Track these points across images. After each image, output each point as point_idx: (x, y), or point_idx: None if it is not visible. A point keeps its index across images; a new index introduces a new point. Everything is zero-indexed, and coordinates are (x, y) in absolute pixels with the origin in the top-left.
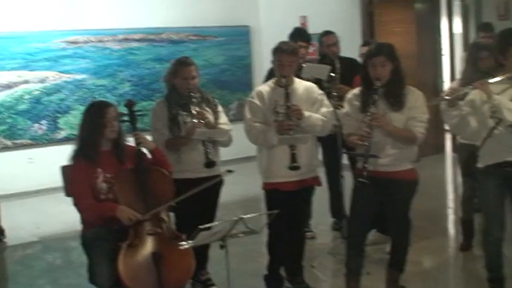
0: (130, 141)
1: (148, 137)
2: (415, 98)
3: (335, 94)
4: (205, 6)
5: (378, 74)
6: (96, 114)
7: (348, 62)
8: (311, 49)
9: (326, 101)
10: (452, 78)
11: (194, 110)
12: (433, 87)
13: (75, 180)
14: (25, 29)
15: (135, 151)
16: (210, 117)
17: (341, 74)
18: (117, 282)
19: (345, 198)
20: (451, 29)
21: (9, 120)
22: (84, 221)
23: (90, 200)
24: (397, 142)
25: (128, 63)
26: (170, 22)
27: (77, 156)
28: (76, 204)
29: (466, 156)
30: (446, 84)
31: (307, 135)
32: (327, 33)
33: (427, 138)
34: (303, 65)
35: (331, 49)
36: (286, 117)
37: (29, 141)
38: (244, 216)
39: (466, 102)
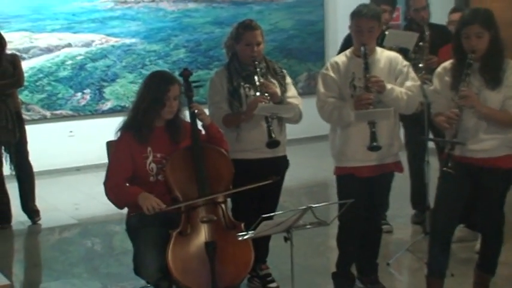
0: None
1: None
2: None
3: (422, 66)
4: None
5: (473, 46)
6: (158, 88)
7: (439, 30)
8: (396, 14)
9: (412, 74)
10: None
11: (258, 81)
12: None
13: (114, 155)
14: None
15: (191, 127)
16: (277, 89)
17: (430, 44)
18: (166, 274)
19: (429, 187)
20: None
21: (48, 88)
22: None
23: (118, 180)
24: (492, 126)
25: (183, 26)
26: None
27: (125, 129)
28: (104, 181)
29: None
30: None
31: (390, 109)
32: None
33: None
34: (386, 32)
35: (420, 14)
36: (365, 91)
37: (70, 113)
38: (314, 205)
39: None
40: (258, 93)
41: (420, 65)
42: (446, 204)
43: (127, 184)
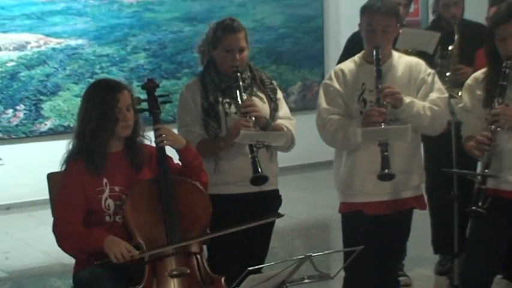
0: (151, 137)
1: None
2: None
3: (448, 77)
4: None
5: (509, 50)
6: (104, 101)
7: (473, 29)
8: (414, 7)
9: (438, 84)
10: None
11: (240, 98)
12: None
13: (64, 193)
14: None
15: (157, 153)
16: (265, 107)
17: (461, 49)
18: None
19: (457, 226)
20: None
21: None
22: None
23: (73, 226)
24: None
25: (144, 23)
26: None
27: (74, 158)
28: (54, 228)
29: None
30: None
31: (406, 127)
32: None
33: None
34: (400, 30)
35: (450, 10)
36: (376, 105)
37: None
38: (313, 254)
39: None
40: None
41: (447, 74)
42: (482, 250)
43: (83, 228)
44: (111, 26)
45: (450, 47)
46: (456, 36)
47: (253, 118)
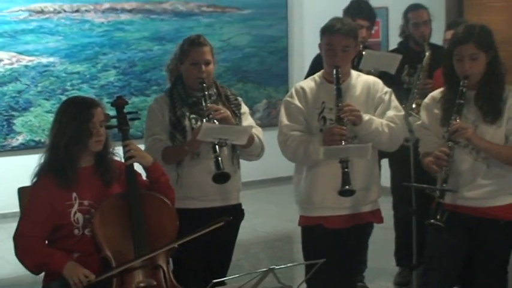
0: (119, 153)
1: (141, 146)
2: None
3: (416, 92)
4: None
5: (466, 70)
6: (79, 116)
7: (437, 51)
8: (375, 29)
9: (395, 102)
10: None
11: (205, 106)
12: None
13: (29, 206)
14: None
15: (126, 169)
16: (229, 112)
17: (429, 66)
18: None
19: (416, 240)
20: None
21: None
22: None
23: (34, 240)
24: (494, 167)
25: (114, 42)
26: None
27: (44, 172)
28: (14, 238)
29: None
30: None
31: (367, 145)
32: (416, 7)
33: None
34: (363, 52)
35: (419, 30)
36: (337, 123)
37: None
38: (276, 267)
39: None
40: (205, 120)
41: (415, 91)
42: (439, 263)
43: (45, 245)
44: (82, 45)
45: (419, 65)
46: (427, 53)
47: (217, 122)
